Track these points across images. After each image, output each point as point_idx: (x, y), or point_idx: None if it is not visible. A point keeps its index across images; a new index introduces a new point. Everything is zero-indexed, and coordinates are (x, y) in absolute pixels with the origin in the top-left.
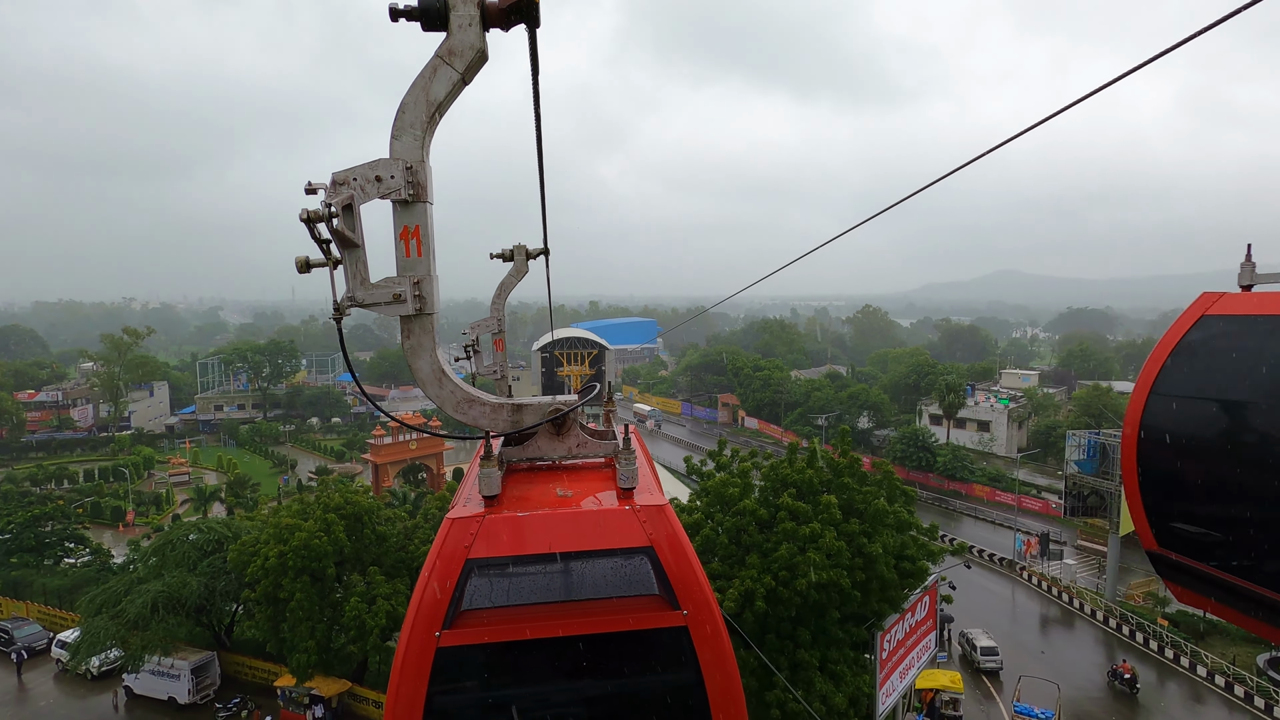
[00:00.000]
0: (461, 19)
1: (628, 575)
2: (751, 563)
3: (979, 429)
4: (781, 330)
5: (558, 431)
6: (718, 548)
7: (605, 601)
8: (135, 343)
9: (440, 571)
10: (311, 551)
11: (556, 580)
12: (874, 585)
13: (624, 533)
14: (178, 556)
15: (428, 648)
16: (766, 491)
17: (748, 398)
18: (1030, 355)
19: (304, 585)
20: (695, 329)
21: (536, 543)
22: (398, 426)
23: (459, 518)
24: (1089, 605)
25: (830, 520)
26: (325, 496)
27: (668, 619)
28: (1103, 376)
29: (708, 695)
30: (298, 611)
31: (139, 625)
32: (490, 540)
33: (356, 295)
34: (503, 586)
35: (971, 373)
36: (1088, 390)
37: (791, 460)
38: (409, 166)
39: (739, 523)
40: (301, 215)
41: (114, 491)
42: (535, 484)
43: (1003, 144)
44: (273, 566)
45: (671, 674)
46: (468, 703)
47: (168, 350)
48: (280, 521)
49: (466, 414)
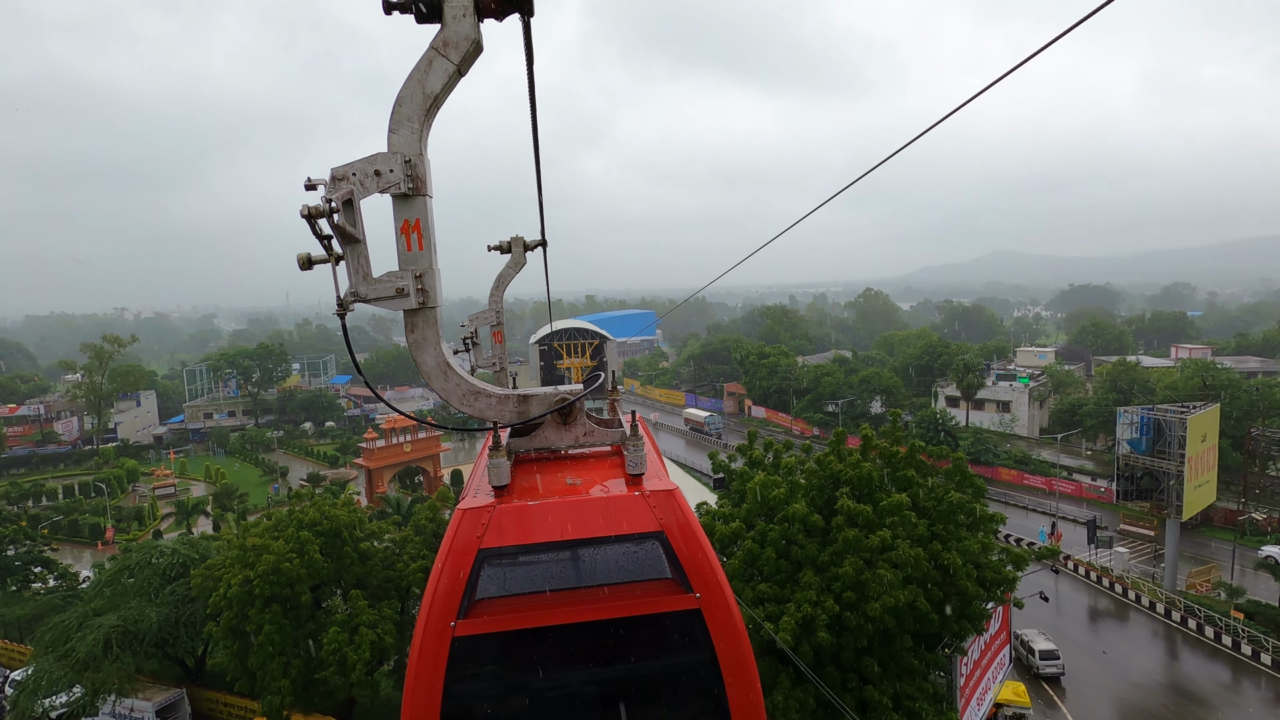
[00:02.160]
0: (455, 9)
1: (639, 560)
2: (808, 582)
3: (999, 409)
4: (784, 315)
5: (564, 421)
6: (763, 563)
7: (618, 587)
8: (117, 351)
9: (453, 562)
10: (282, 576)
11: (569, 567)
12: (952, 600)
13: (634, 518)
14: (137, 584)
15: (443, 638)
16: (812, 491)
17: (754, 386)
18: (1037, 333)
19: (274, 616)
20: (695, 319)
21: (548, 531)
22: (390, 428)
23: (470, 508)
24: (1146, 597)
25: (904, 525)
26: (299, 512)
27: (681, 602)
28: (1117, 352)
29: (723, 676)
30: (267, 647)
31: (89, 665)
32: (502, 530)
33: (360, 290)
34: (516, 575)
35: (984, 352)
36: (1112, 366)
37: (840, 452)
38: (407, 160)
39: (786, 531)
40: (302, 211)
41: (92, 508)
42: (544, 473)
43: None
44: (236, 595)
45: (686, 656)
46: (485, 691)
47: (160, 359)
48: (247, 542)
49: (473, 406)
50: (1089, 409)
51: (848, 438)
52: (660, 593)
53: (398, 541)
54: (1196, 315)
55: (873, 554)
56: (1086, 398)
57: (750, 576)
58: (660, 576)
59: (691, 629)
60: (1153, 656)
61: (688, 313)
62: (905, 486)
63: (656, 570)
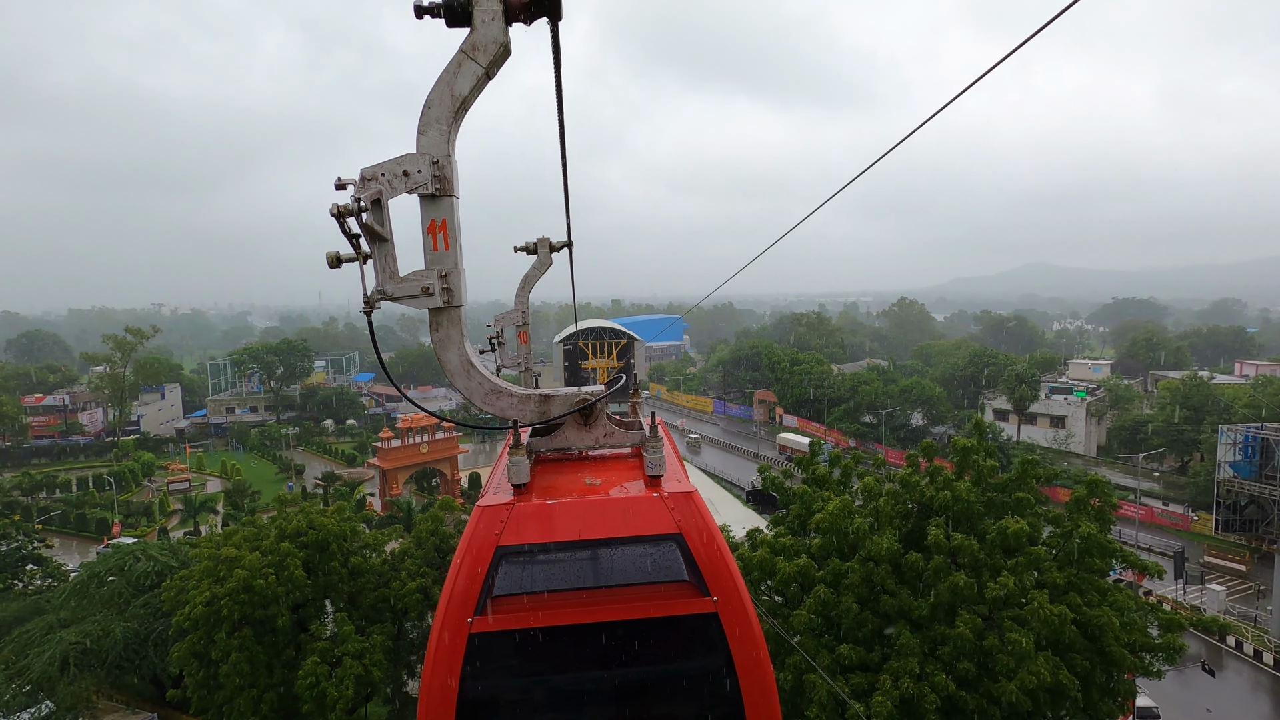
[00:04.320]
0: (485, 14)
1: (657, 562)
2: (906, 645)
3: (1052, 425)
4: (817, 323)
5: (585, 422)
6: (841, 615)
7: (634, 588)
8: (140, 343)
9: (471, 559)
10: (255, 595)
11: (586, 567)
12: (1097, 673)
13: (652, 520)
14: (108, 594)
15: (460, 634)
16: (895, 520)
17: (785, 394)
18: (1080, 347)
19: (244, 641)
20: (723, 326)
21: (565, 530)
22: (406, 428)
23: (489, 506)
24: (1250, 644)
25: (1028, 567)
26: (281, 519)
27: (697, 605)
28: (1172, 367)
29: (739, 681)
30: (234, 678)
31: (44, 686)
32: (520, 528)
33: (386, 289)
34: (533, 573)
35: (1034, 364)
36: (1182, 381)
37: (931, 470)
38: (435, 161)
39: (870, 573)
40: (331, 210)
41: (103, 502)
42: (563, 473)
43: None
44: (200, 615)
45: (702, 660)
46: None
47: (193, 355)
48: (220, 553)
49: (495, 405)
50: (1155, 426)
51: (934, 456)
52: (677, 595)
53: (396, 554)
54: (1253, 331)
55: (991, 608)
56: (1151, 414)
57: (822, 631)
58: (677, 579)
59: (708, 633)
60: (1263, 716)
61: (716, 319)
62: (1018, 512)
63: (673, 572)
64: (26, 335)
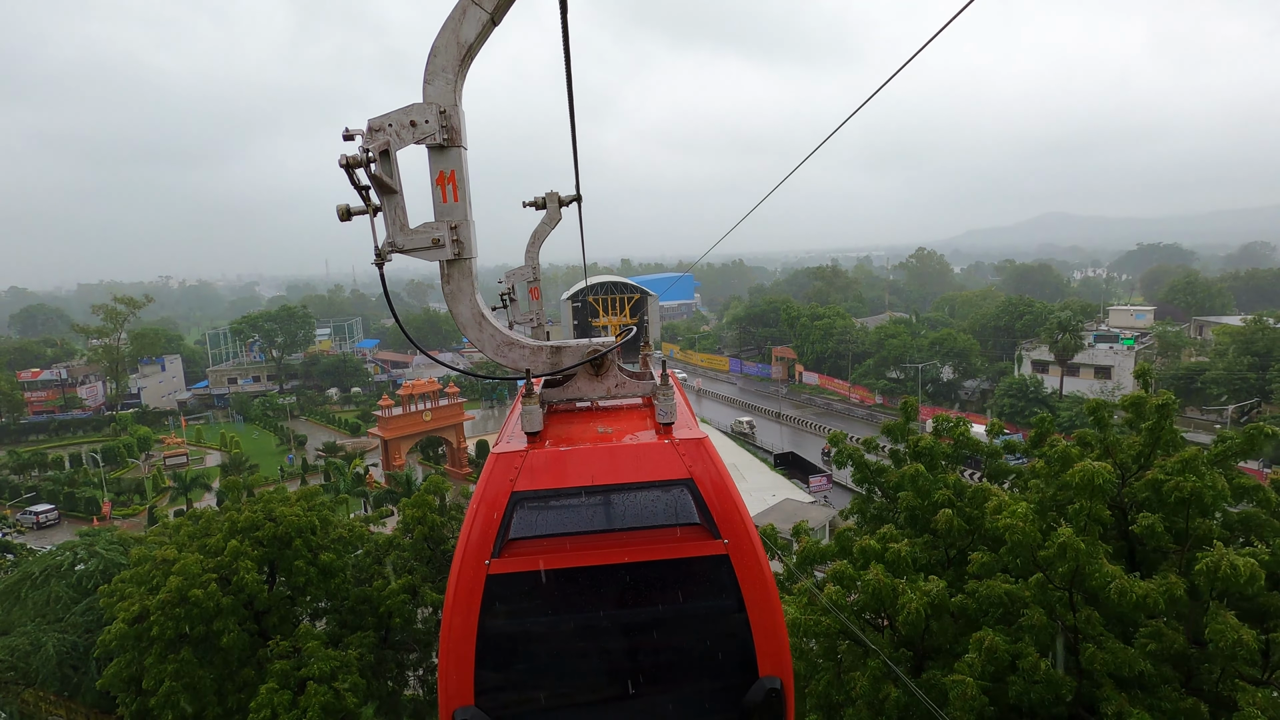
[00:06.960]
0: None
1: (668, 506)
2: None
3: (1097, 375)
4: (833, 275)
5: (597, 373)
6: (1027, 679)
7: (647, 531)
8: (131, 312)
9: (487, 504)
10: (193, 609)
11: (599, 512)
12: None
13: (664, 465)
14: (41, 598)
15: (479, 575)
16: (1034, 516)
17: (805, 350)
18: (1108, 295)
19: (183, 665)
20: (735, 282)
21: (578, 476)
22: (408, 395)
23: (504, 453)
24: None
25: None
26: (234, 510)
27: (709, 548)
28: (1210, 312)
29: (749, 621)
30: (168, 712)
31: None
32: (534, 474)
33: (397, 241)
34: (548, 518)
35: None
36: (1247, 325)
37: (1100, 439)
38: (442, 110)
39: (1045, 598)
40: (340, 161)
41: (93, 479)
42: (576, 422)
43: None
44: (124, 635)
45: (713, 601)
46: (517, 627)
47: (200, 325)
48: (157, 553)
49: (506, 356)
50: (1215, 374)
51: None
52: (688, 538)
53: (380, 546)
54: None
55: (1273, 672)
56: (1205, 361)
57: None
58: (689, 522)
59: (719, 574)
60: None
61: (727, 276)
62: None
63: (685, 516)
64: (28, 310)
